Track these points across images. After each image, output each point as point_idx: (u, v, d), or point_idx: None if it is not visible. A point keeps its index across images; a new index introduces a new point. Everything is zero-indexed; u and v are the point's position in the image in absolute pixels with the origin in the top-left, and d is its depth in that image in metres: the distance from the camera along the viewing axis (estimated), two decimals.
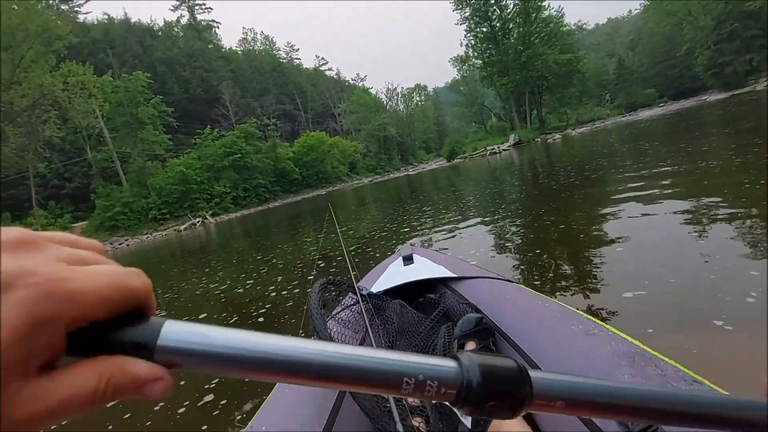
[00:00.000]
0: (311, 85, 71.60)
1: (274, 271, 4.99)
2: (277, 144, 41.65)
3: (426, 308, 1.30)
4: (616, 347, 0.68)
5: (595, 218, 3.67)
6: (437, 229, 4.98)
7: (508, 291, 1.13)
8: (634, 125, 19.22)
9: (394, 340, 1.06)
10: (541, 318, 0.89)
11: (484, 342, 0.89)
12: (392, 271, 1.58)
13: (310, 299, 0.81)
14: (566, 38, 42.87)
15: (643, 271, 2.26)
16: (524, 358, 0.79)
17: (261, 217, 22.62)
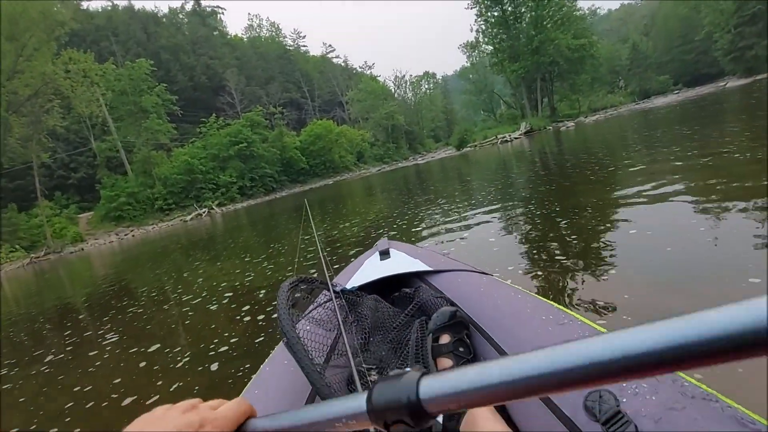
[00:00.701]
0: (318, 72, 70.60)
1: (281, 261, 4.90)
2: (283, 133, 41.13)
3: (401, 303, 1.28)
4: (585, 335, 0.61)
5: (612, 215, 3.39)
6: (447, 224, 4.64)
7: (483, 284, 1.12)
8: (652, 112, 18.36)
9: (368, 336, 1.04)
10: (514, 309, 0.89)
11: (459, 335, 0.89)
12: (368, 266, 1.56)
13: (278, 298, 0.77)
14: (579, 23, 41.51)
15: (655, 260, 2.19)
16: (496, 349, 0.81)
17: (267, 207, 22.30)
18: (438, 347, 0.89)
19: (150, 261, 9.39)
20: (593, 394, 0.56)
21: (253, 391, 0.84)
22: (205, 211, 30.24)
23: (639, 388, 0.55)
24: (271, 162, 38.49)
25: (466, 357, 0.86)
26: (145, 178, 32.25)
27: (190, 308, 3.82)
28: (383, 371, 0.91)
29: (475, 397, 0.20)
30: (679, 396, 0.52)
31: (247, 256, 5.97)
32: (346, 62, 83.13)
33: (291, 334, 0.68)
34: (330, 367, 0.84)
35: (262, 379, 0.88)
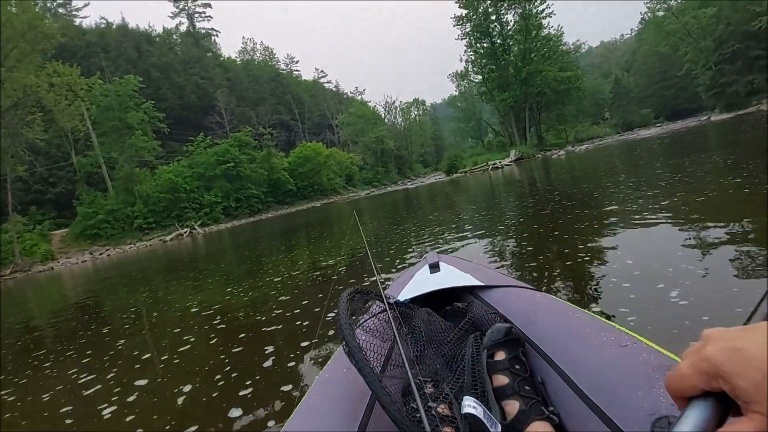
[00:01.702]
0: (309, 96, 71.16)
1: (267, 288, 4.57)
2: (272, 153, 40.73)
3: (453, 317, 1.27)
4: (650, 359, 0.67)
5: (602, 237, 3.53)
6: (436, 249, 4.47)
7: (537, 300, 1.11)
8: (642, 143, 18.51)
9: (423, 349, 1.04)
10: (571, 328, 0.87)
11: (514, 352, 0.88)
12: (419, 279, 1.55)
13: (338, 307, 0.82)
14: (565, 56, 42.88)
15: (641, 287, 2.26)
16: (554, 369, 0.79)
17: (252, 228, 21.60)
18: (493, 363, 0.86)
19: (125, 284, 8.62)
20: (662, 420, 0.53)
21: (315, 396, 0.84)
22: (187, 231, 29.25)
23: None
24: (258, 183, 37.86)
25: (523, 375, 0.82)
26: (126, 195, 31.25)
27: (163, 338, 3.54)
28: (438, 385, 0.87)
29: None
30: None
31: (229, 286, 5.39)
32: (338, 87, 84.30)
33: (352, 343, 0.69)
34: (386, 377, 0.82)
35: (322, 387, 0.87)
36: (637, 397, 0.59)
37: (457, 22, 40.84)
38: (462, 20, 40.58)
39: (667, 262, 2.49)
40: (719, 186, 4.46)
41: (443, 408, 0.74)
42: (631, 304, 2.07)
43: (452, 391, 0.83)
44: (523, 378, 0.81)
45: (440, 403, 0.75)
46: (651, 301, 2.05)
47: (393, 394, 0.71)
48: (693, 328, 1.67)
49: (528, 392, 0.77)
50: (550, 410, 0.72)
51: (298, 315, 3.24)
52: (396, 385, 0.82)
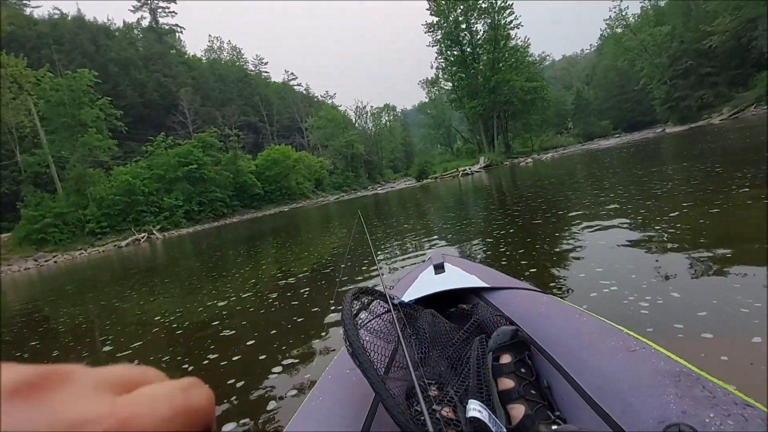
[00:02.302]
0: (279, 98, 69.78)
1: (235, 296, 4.27)
2: (238, 156, 39.35)
3: (458, 319, 1.26)
4: (659, 365, 0.66)
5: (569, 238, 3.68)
6: (407, 257, 4.41)
7: (543, 303, 1.09)
8: (606, 152, 19.11)
9: (427, 350, 1.04)
10: (578, 332, 0.86)
11: (520, 356, 0.87)
12: (423, 280, 1.53)
13: (343, 307, 0.82)
14: (531, 68, 44.22)
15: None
16: (561, 374, 0.78)
17: (216, 233, 20.62)
18: (499, 366, 0.86)
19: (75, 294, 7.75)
20: (672, 427, 0.53)
21: (317, 397, 0.84)
22: (144, 236, 27.63)
23: (725, 425, 0.51)
24: (222, 186, 36.44)
25: (528, 378, 0.82)
26: (78, 197, 29.14)
27: (119, 352, 3.18)
28: (443, 387, 0.87)
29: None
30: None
31: (192, 294, 4.97)
32: (308, 90, 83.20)
33: (356, 344, 0.68)
34: (390, 379, 0.83)
35: (325, 386, 0.88)
36: (647, 404, 0.58)
37: (428, 29, 41.28)
38: (433, 27, 41.04)
39: (628, 266, 2.55)
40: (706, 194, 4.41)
41: (447, 411, 0.74)
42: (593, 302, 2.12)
43: (457, 394, 0.83)
44: (529, 382, 0.81)
45: (444, 406, 0.75)
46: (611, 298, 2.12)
47: (396, 395, 0.71)
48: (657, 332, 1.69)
49: (534, 396, 0.76)
50: (556, 415, 0.72)
51: (266, 322, 3.04)
52: (399, 386, 0.80)
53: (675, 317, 1.75)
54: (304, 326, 2.78)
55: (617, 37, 43.17)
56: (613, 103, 63.18)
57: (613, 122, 63.23)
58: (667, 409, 0.56)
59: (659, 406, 0.57)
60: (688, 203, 3.95)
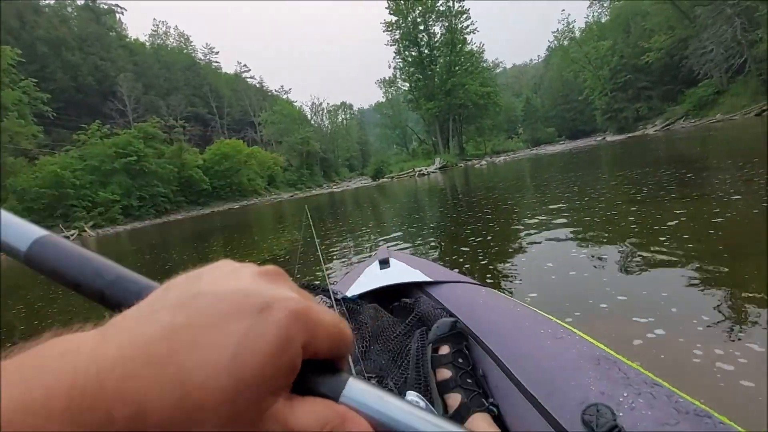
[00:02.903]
0: (230, 90, 66.74)
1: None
2: (184, 148, 37.08)
3: (401, 312, 1.27)
4: (583, 350, 0.71)
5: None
6: (359, 255, 4.41)
7: (482, 295, 1.14)
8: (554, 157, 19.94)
9: (369, 345, 1.06)
10: (512, 322, 0.91)
11: (458, 346, 0.90)
12: (368, 275, 1.56)
13: None
14: (485, 72, 45.55)
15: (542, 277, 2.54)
16: (495, 362, 0.82)
17: (158, 231, 19.18)
18: (437, 358, 0.89)
19: None
20: (591, 407, 0.57)
21: None
22: (74, 233, 25.18)
23: (636, 403, 0.56)
24: (166, 180, 34.10)
25: (465, 368, 0.85)
26: None
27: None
28: (383, 380, 0.90)
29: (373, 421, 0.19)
30: (674, 412, 0.54)
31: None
32: (262, 83, 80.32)
33: None
34: None
35: None
36: (569, 386, 0.63)
37: (387, 28, 41.21)
38: (392, 26, 41.04)
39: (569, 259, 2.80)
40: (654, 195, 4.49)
41: None
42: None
43: (396, 386, 0.86)
44: (466, 371, 0.83)
45: None
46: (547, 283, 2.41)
47: None
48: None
49: (470, 385, 0.79)
50: (490, 402, 0.75)
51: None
52: None
53: (596, 300, 1.98)
54: None
55: (565, 48, 45.55)
56: (558, 112, 66.76)
57: (558, 129, 66.87)
58: (588, 391, 0.60)
59: (580, 388, 0.61)
60: (629, 205, 4.11)
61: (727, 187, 4.08)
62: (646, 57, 31.14)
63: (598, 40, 39.28)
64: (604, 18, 48.91)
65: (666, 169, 6.46)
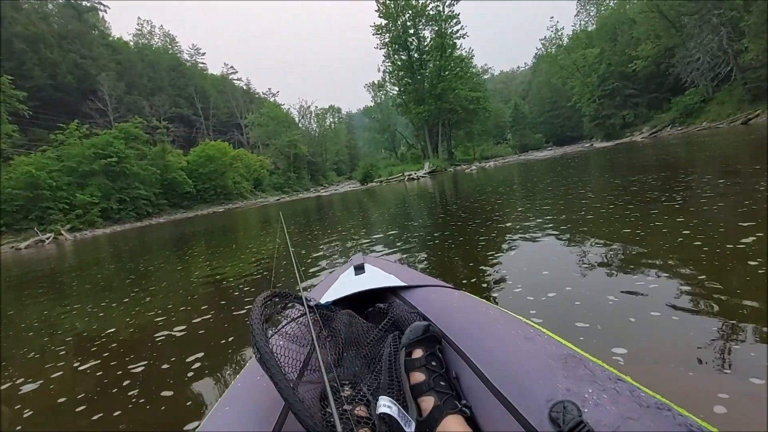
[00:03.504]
0: (217, 91, 65.65)
1: (151, 306, 3.78)
2: (167, 150, 36.12)
3: (375, 318, 1.26)
4: (552, 350, 0.73)
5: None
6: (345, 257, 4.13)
7: (455, 299, 1.14)
8: (545, 162, 19.79)
9: (342, 351, 1.05)
10: (485, 324, 0.92)
11: (431, 350, 0.90)
12: (343, 281, 1.55)
13: (252, 313, 0.79)
14: (475, 77, 45.60)
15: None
16: (467, 364, 0.83)
17: (139, 235, 18.48)
18: (411, 361, 0.89)
19: None
20: (558, 405, 0.59)
21: (224, 407, 0.81)
22: (50, 236, 24.12)
23: (600, 399, 0.58)
24: (148, 182, 33.08)
25: (438, 371, 0.85)
26: None
27: (24, 369, 2.57)
28: (356, 386, 0.90)
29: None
30: (636, 406, 0.56)
31: (105, 302, 4.24)
32: (249, 85, 79.35)
33: (264, 350, 0.68)
34: (303, 382, 0.83)
35: (233, 395, 0.86)
36: (538, 385, 0.64)
37: (376, 31, 40.93)
38: (381, 30, 40.78)
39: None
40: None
41: (360, 410, 0.77)
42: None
43: (369, 391, 0.86)
44: (439, 374, 0.84)
45: (357, 405, 0.78)
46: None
47: (309, 399, 0.73)
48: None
49: (443, 387, 0.79)
50: (463, 403, 0.76)
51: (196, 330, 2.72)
52: (313, 390, 0.81)
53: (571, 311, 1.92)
54: (220, 333, 2.57)
55: (553, 56, 45.97)
56: (546, 118, 67.46)
57: (546, 136, 67.51)
58: (555, 388, 0.62)
59: (548, 386, 0.63)
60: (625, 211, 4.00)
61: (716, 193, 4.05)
62: (634, 65, 31.50)
63: (585, 47, 39.71)
64: (590, 27, 49.67)
65: (669, 174, 6.20)
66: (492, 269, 2.88)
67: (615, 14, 41.90)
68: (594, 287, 2.17)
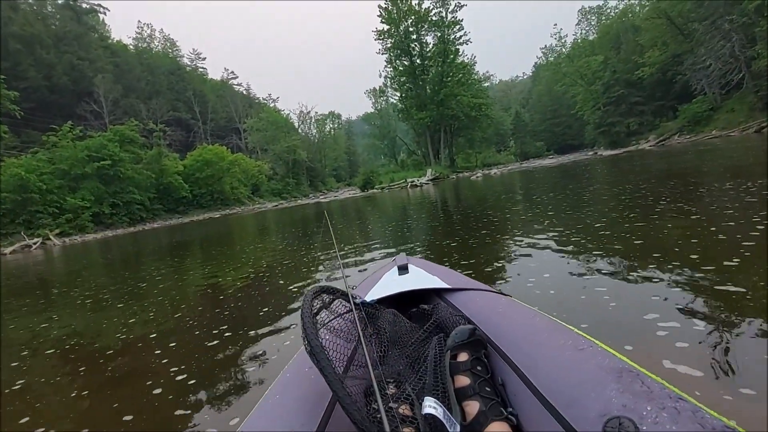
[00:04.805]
0: (216, 96, 65.06)
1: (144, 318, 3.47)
2: (163, 153, 35.34)
3: (419, 318, 1.27)
4: (605, 362, 0.70)
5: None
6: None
7: (501, 304, 1.13)
8: (550, 170, 19.08)
9: (387, 350, 1.05)
10: (532, 331, 0.90)
11: (476, 354, 0.90)
12: (387, 281, 1.54)
13: (302, 305, 0.82)
14: (477, 84, 45.13)
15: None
16: (514, 371, 0.81)
17: (132, 240, 17.76)
18: (456, 365, 0.88)
19: None
20: (613, 420, 0.56)
21: (274, 395, 0.83)
22: (38, 241, 23.23)
23: (659, 417, 0.55)
24: (143, 187, 32.24)
25: (484, 376, 0.84)
26: None
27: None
28: (401, 385, 0.89)
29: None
30: (698, 427, 0.53)
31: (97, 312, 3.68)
32: (249, 90, 78.86)
33: (314, 342, 0.69)
34: (348, 377, 0.85)
35: (282, 385, 0.87)
36: (590, 398, 0.62)
37: (378, 36, 40.52)
38: (383, 35, 40.38)
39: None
40: None
41: (404, 408, 0.77)
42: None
43: (414, 391, 0.85)
44: (484, 379, 0.83)
45: (402, 404, 0.78)
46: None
47: (354, 394, 0.73)
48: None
49: (488, 393, 0.78)
50: (509, 411, 0.75)
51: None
52: (358, 385, 0.82)
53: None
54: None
55: (556, 63, 45.57)
56: (547, 126, 67.07)
57: (547, 144, 67.07)
58: (609, 403, 0.59)
59: (602, 400, 0.60)
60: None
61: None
62: (641, 72, 30.99)
63: (589, 55, 39.30)
64: (591, 36, 49.41)
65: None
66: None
67: (618, 22, 41.66)
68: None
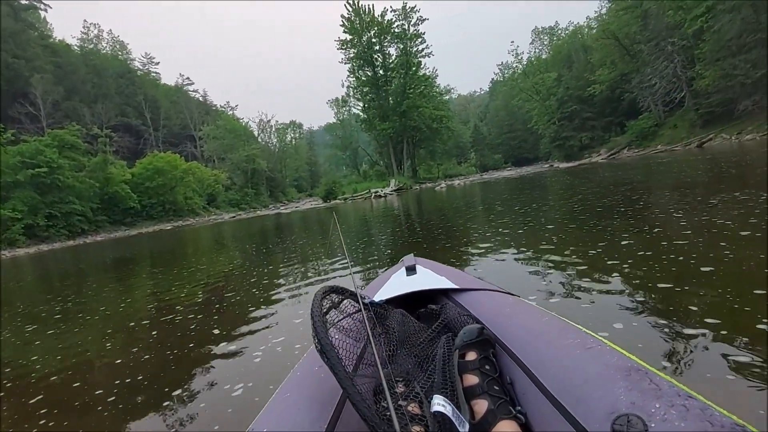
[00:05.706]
0: (170, 101, 62.09)
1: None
2: (109, 161, 32.95)
3: (427, 318, 1.28)
4: (613, 361, 0.70)
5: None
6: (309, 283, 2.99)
7: (509, 304, 1.14)
8: (510, 181, 19.42)
9: (395, 349, 1.06)
10: (540, 330, 0.90)
11: (485, 353, 0.90)
12: (395, 281, 1.55)
13: (312, 304, 0.83)
14: (438, 97, 45.94)
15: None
16: (523, 370, 0.82)
17: (72, 256, 16.20)
18: (464, 364, 0.89)
19: None
20: (621, 417, 0.56)
21: (284, 393, 0.85)
22: None
23: (668, 415, 0.55)
24: (84, 196, 29.79)
25: (492, 375, 0.85)
26: None
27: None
28: (409, 384, 0.90)
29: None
30: (707, 425, 0.52)
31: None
32: (205, 97, 76.02)
33: (325, 341, 0.70)
34: (358, 376, 0.85)
35: (293, 383, 0.89)
36: (598, 396, 0.62)
37: (341, 46, 40.30)
38: (346, 45, 40.21)
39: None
40: None
41: (413, 407, 0.78)
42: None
43: (423, 390, 0.86)
44: (493, 378, 0.84)
45: (411, 402, 0.79)
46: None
47: (364, 392, 0.73)
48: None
49: (497, 392, 0.79)
50: (518, 409, 0.75)
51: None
52: (367, 384, 0.83)
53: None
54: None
55: (513, 79, 47.36)
56: (504, 140, 69.46)
57: (504, 156, 69.38)
58: (617, 401, 0.59)
59: (610, 398, 0.61)
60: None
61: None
62: (592, 89, 32.70)
63: (543, 71, 41.13)
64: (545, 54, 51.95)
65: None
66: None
67: (569, 42, 44.05)
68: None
